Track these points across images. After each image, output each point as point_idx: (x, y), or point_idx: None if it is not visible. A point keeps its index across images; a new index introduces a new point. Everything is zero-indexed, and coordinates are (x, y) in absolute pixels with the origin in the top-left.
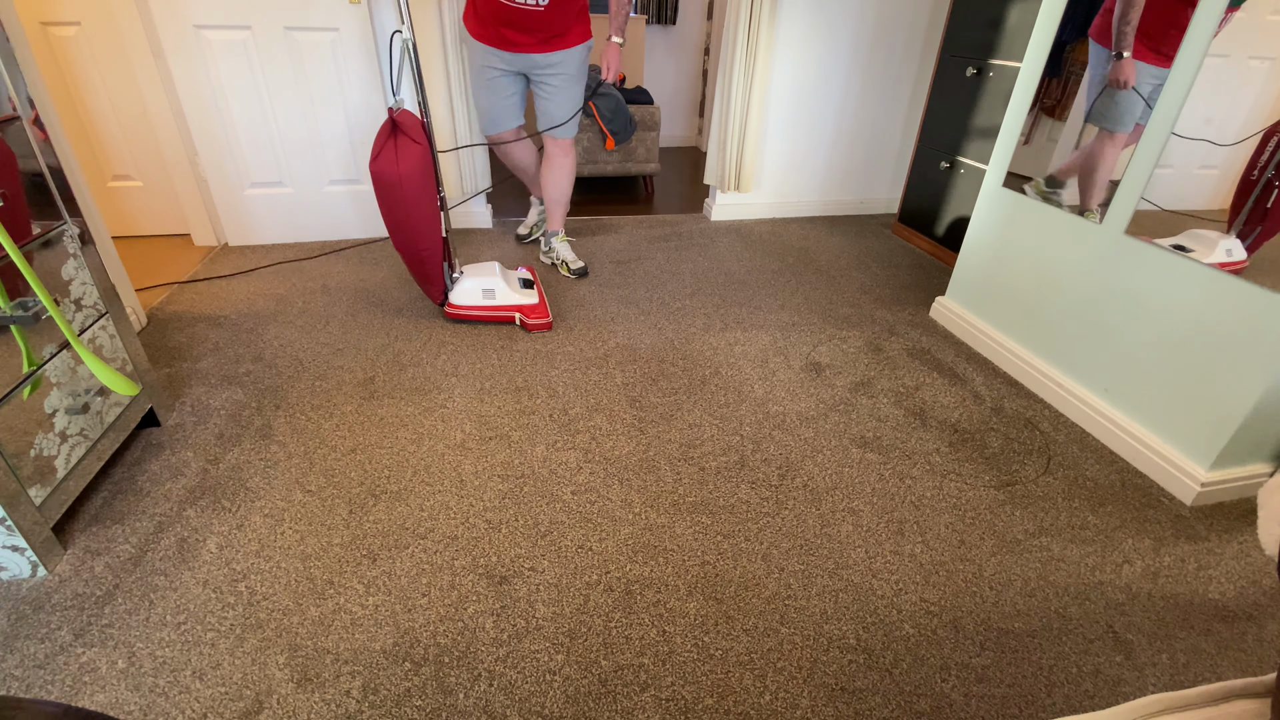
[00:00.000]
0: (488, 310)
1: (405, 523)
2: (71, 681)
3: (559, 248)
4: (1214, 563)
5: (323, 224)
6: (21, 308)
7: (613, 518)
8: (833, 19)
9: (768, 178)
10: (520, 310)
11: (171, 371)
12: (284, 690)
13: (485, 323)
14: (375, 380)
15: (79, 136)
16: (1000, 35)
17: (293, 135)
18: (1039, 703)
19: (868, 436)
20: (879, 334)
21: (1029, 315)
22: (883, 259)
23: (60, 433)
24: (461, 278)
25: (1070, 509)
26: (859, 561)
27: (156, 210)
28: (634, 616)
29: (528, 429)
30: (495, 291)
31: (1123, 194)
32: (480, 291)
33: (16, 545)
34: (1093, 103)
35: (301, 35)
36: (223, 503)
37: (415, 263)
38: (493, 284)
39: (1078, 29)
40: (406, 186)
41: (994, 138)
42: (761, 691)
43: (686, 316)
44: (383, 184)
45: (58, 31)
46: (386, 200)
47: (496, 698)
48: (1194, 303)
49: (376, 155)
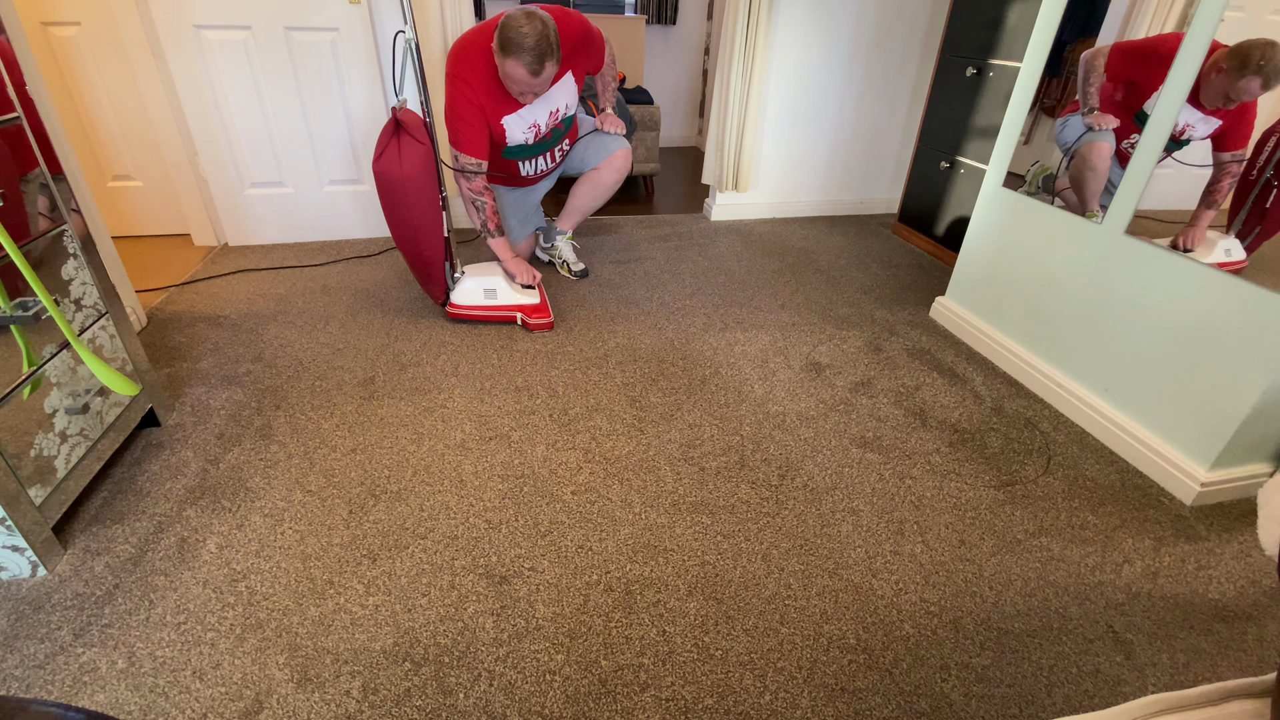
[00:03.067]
0: (489, 310)
1: (405, 523)
2: (71, 681)
3: (563, 247)
4: (1214, 563)
5: (323, 224)
6: (21, 308)
7: (613, 518)
8: (832, 19)
9: (767, 178)
10: (522, 310)
11: (171, 371)
12: (284, 690)
13: (486, 323)
14: (375, 380)
15: (79, 136)
16: (1000, 35)
17: (292, 135)
18: (1039, 703)
19: (868, 436)
20: (879, 334)
21: (1029, 315)
22: (883, 259)
23: (60, 433)
24: (463, 278)
25: (1070, 509)
26: (859, 561)
27: (156, 210)
28: (634, 616)
29: (528, 429)
30: (497, 291)
31: (1123, 194)
32: (482, 291)
33: (16, 545)
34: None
35: (301, 35)
36: (223, 503)
37: (417, 262)
38: (494, 284)
39: (1078, 29)
40: (409, 186)
41: (994, 138)
42: (761, 691)
43: (686, 316)
44: (386, 184)
45: (58, 31)
46: (389, 200)
47: (496, 698)
48: (1194, 303)
49: (380, 155)
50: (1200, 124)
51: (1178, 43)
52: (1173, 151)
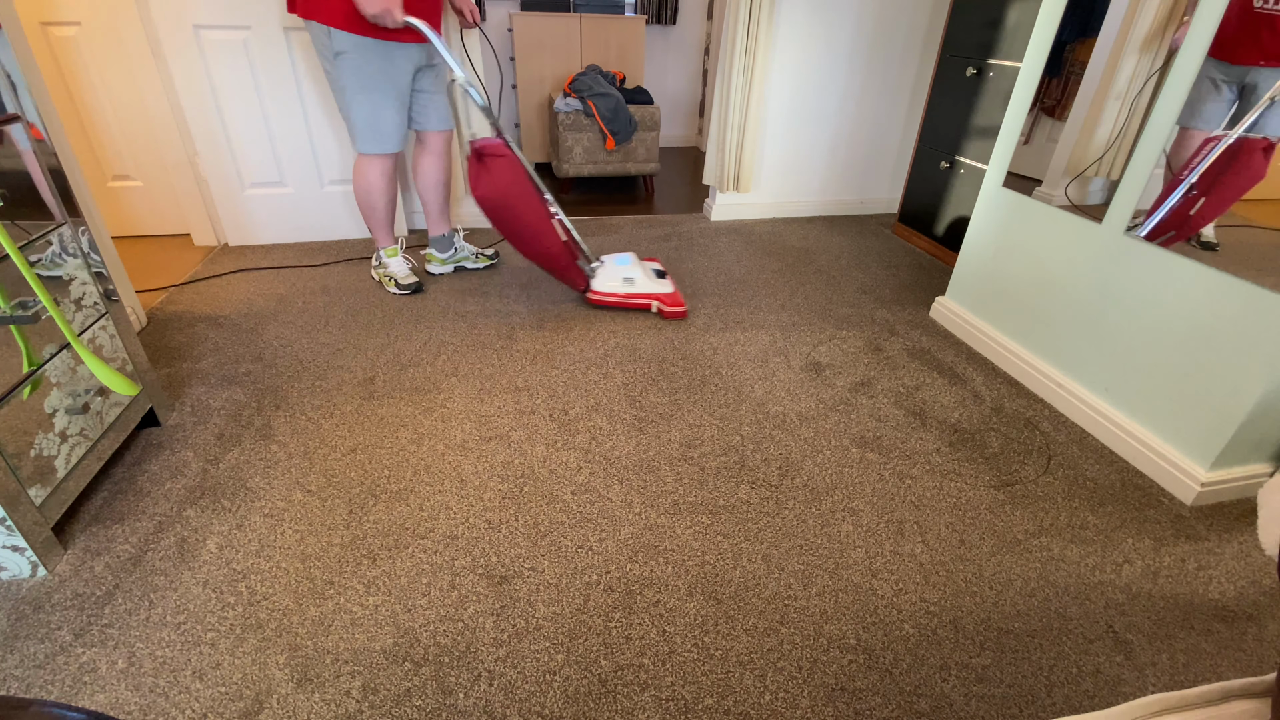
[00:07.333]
0: (627, 297)
1: (405, 523)
2: (71, 681)
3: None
4: (1214, 563)
5: (323, 224)
6: (21, 308)
7: (613, 518)
8: (832, 19)
9: (767, 178)
10: (658, 298)
11: (171, 371)
12: (284, 690)
13: (621, 309)
14: (375, 380)
15: (79, 136)
16: (1000, 35)
17: (292, 135)
18: (1039, 703)
19: (868, 436)
20: (879, 334)
21: (1029, 315)
22: (883, 259)
23: (60, 433)
24: (601, 266)
25: (1070, 509)
26: (859, 561)
27: (156, 210)
28: (634, 616)
29: (528, 429)
30: (635, 280)
31: (1123, 193)
32: (621, 280)
33: (16, 545)
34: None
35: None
36: (223, 503)
37: (546, 261)
38: (632, 273)
39: (1078, 29)
40: (509, 197)
41: (994, 138)
42: (761, 691)
43: (686, 316)
44: (489, 204)
45: (58, 31)
46: (498, 217)
47: (496, 698)
48: (1195, 302)
49: (474, 184)
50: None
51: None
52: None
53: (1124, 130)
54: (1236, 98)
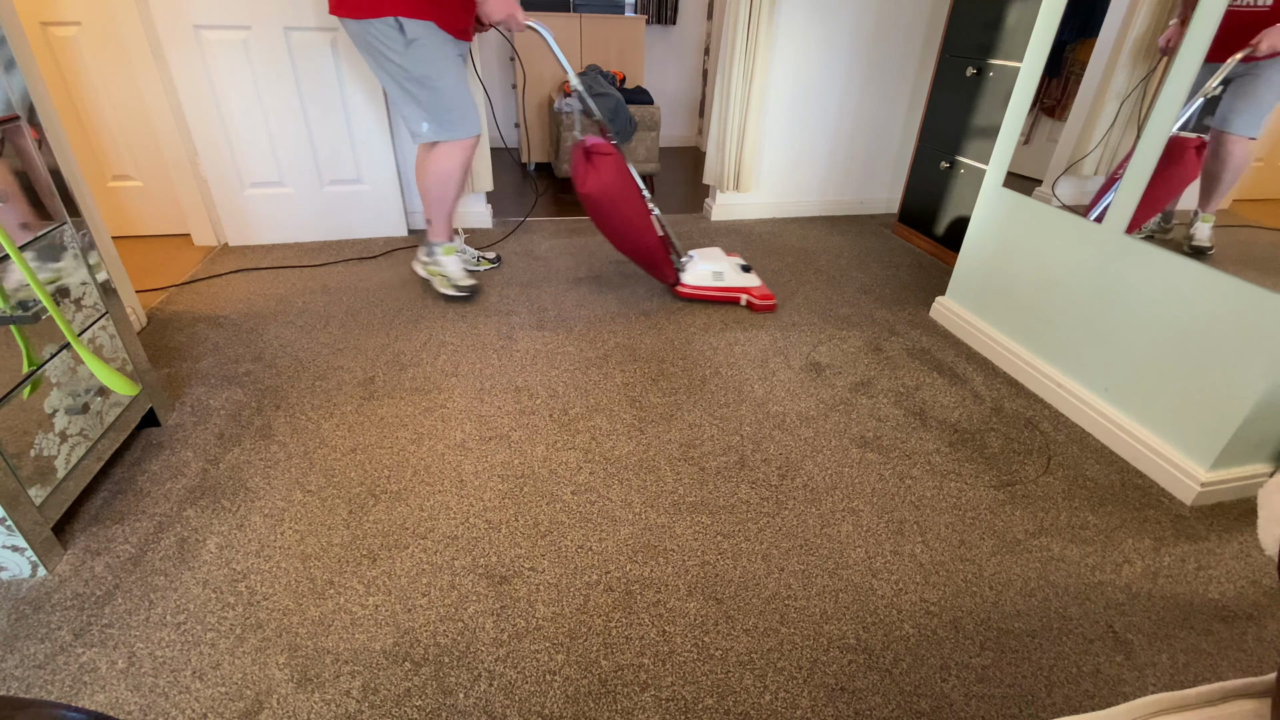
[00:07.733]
0: (717, 291)
1: (405, 523)
2: (71, 681)
3: (446, 261)
4: (1214, 563)
5: (323, 224)
6: (21, 308)
7: (613, 518)
8: (832, 19)
9: (767, 178)
10: (747, 292)
11: (171, 371)
12: (284, 690)
13: (711, 302)
14: (375, 380)
15: (79, 136)
16: (1000, 35)
17: (292, 135)
18: (1039, 703)
19: (868, 436)
20: (879, 334)
21: (1029, 315)
22: (883, 259)
23: (60, 433)
24: (692, 261)
25: (1070, 509)
26: (859, 561)
27: (156, 210)
28: (634, 616)
29: (528, 429)
30: (724, 274)
31: (1123, 193)
32: (710, 274)
33: (16, 545)
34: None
35: (301, 35)
36: (223, 503)
37: (643, 255)
38: (721, 267)
39: (1078, 29)
40: (613, 192)
41: (994, 138)
42: (761, 691)
43: (686, 316)
44: (594, 201)
45: (58, 31)
46: (601, 212)
47: (496, 698)
48: (1194, 302)
49: (581, 181)
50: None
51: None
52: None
53: (1110, 130)
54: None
